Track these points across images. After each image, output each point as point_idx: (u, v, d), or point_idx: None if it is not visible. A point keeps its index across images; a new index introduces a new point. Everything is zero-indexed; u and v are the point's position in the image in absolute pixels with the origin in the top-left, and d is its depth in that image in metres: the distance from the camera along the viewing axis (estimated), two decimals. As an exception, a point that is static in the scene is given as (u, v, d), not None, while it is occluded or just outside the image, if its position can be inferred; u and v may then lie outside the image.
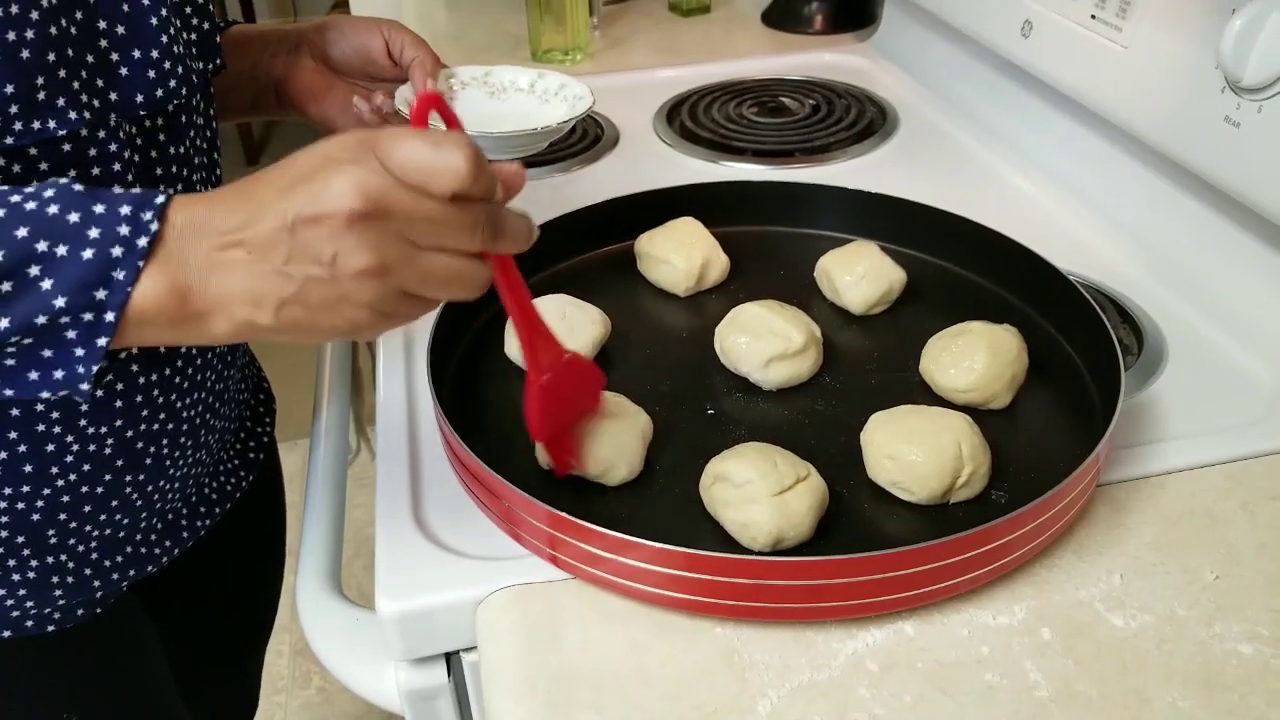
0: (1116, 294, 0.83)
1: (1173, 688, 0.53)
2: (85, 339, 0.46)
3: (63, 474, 0.61)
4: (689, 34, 1.45)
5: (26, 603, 0.65)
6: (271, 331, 0.47)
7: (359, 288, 0.46)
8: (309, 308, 0.46)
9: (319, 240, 0.45)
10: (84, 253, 0.44)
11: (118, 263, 0.45)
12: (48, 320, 0.45)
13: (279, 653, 1.82)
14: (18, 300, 0.44)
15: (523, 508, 0.59)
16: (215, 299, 0.46)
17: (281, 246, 0.45)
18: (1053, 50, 0.96)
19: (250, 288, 0.46)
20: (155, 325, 0.46)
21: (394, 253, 0.46)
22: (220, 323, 0.47)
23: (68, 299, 0.44)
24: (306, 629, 0.63)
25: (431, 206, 0.46)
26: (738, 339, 0.72)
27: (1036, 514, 0.57)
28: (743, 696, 0.53)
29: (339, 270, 0.45)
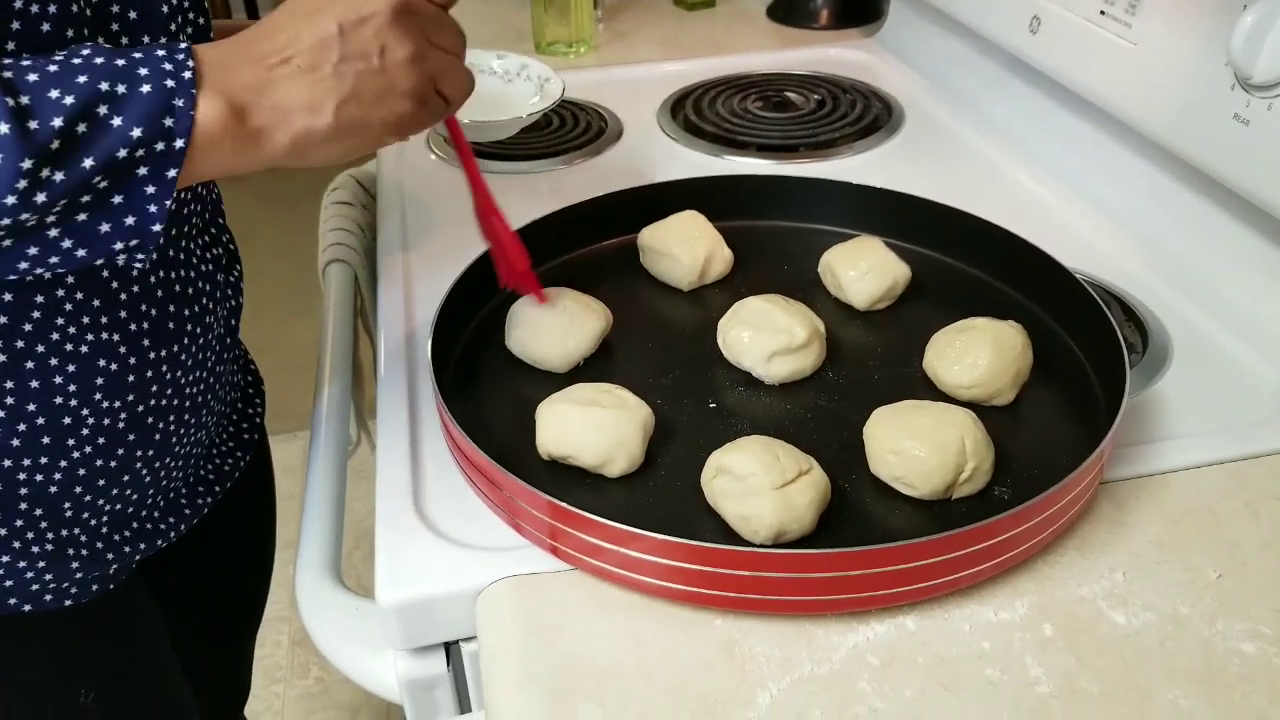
0: (1121, 291, 0.83)
1: (1174, 686, 0.52)
2: (156, 174, 0.48)
3: (79, 446, 0.63)
4: (693, 27, 1.44)
5: (45, 575, 0.66)
6: (329, 135, 0.52)
7: (404, 75, 0.53)
8: (363, 103, 0.52)
9: (368, 37, 0.52)
10: (142, 88, 0.47)
11: (174, 92, 0.48)
12: (127, 153, 0.47)
13: (277, 643, 1.82)
14: (96, 139, 0.46)
15: (523, 498, 0.59)
16: (272, 113, 0.50)
17: (332, 51, 0.51)
18: (1061, 46, 0.95)
19: (308, 95, 0.51)
20: (219, 149, 0.49)
21: (423, 43, 0.54)
22: (280, 135, 0.51)
23: (142, 129, 0.47)
24: (306, 618, 0.63)
25: (438, 11, 0.56)
26: (740, 333, 0.72)
27: (1039, 510, 0.56)
28: (743, 688, 0.52)
29: (388, 60, 0.52)
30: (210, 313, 0.69)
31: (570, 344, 0.72)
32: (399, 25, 0.52)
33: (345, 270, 0.96)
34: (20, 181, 0.45)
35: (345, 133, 0.52)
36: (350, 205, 1.02)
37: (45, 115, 0.45)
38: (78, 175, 0.46)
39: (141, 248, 0.50)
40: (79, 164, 0.46)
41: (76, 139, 0.46)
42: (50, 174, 0.45)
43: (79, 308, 0.59)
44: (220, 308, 0.71)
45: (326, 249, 0.98)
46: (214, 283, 0.70)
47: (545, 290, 0.73)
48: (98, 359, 0.61)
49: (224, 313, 0.72)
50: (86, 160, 0.46)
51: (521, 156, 1.06)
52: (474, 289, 0.77)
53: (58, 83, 0.46)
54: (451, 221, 0.96)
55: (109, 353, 0.61)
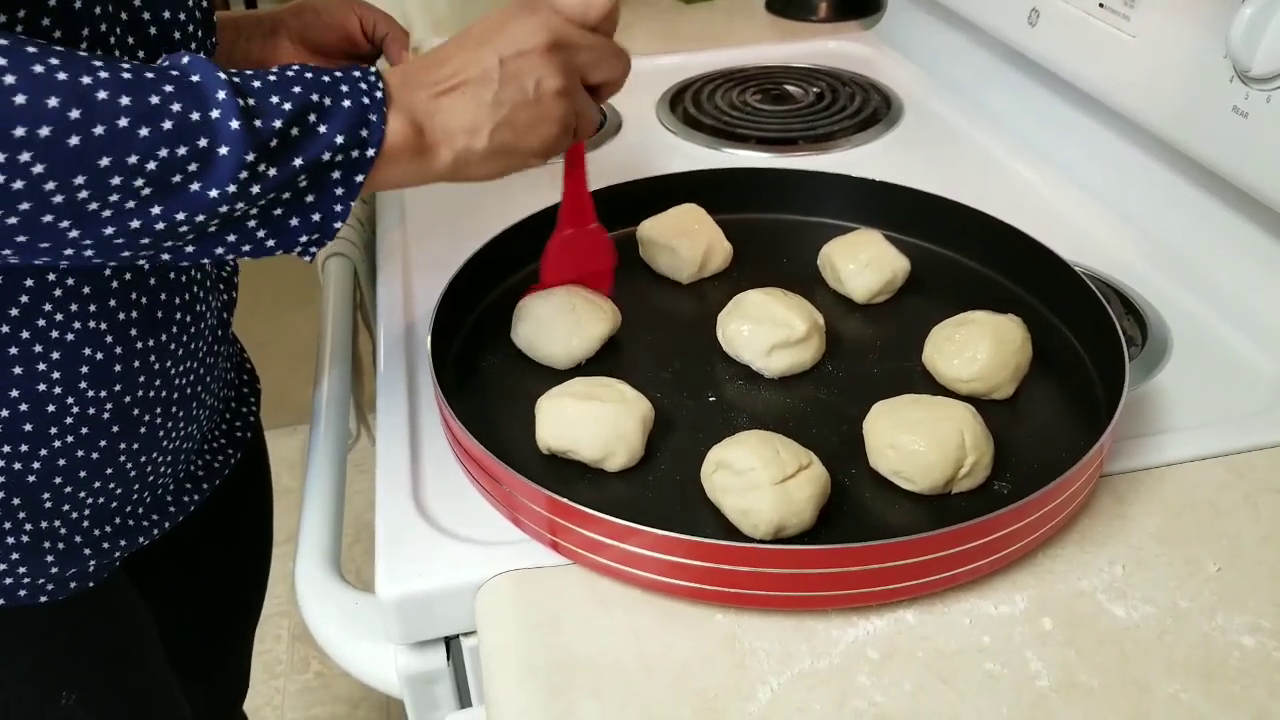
0: (1121, 285, 0.83)
1: (1174, 679, 0.52)
2: (346, 178, 0.54)
3: (60, 436, 0.62)
4: (692, 20, 1.44)
5: (19, 569, 0.66)
6: (484, 156, 0.57)
7: (555, 105, 0.58)
8: (516, 129, 0.57)
9: (526, 70, 0.57)
10: (344, 103, 0.53)
11: (369, 108, 0.54)
12: (329, 157, 0.52)
13: (277, 638, 1.82)
14: (306, 142, 0.52)
15: (523, 493, 0.59)
16: (441, 132, 0.56)
17: (493, 81, 0.56)
18: (1060, 39, 0.95)
19: (470, 118, 0.56)
20: (399, 160, 0.55)
21: (574, 76, 0.59)
22: (445, 152, 0.57)
23: (344, 138, 0.53)
24: (305, 612, 0.63)
25: (592, 37, 0.60)
26: (740, 327, 0.72)
27: (1039, 505, 0.57)
28: (743, 683, 0.52)
29: (542, 92, 0.57)
30: (202, 302, 0.69)
31: (575, 343, 0.71)
32: (553, 59, 0.57)
33: (344, 264, 0.96)
34: (242, 173, 0.49)
35: (498, 154, 0.58)
36: (349, 199, 1.02)
37: (269, 117, 0.50)
38: (288, 173, 0.51)
39: (320, 241, 0.55)
40: (290, 162, 0.51)
41: (291, 140, 0.51)
42: (266, 169, 0.50)
43: (68, 293, 0.59)
44: (213, 299, 0.71)
45: (325, 243, 0.97)
46: (205, 274, 0.70)
47: (557, 289, 0.74)
48: (84, 346, 0.61)
49: (217, 305, 0.72)
50: (296, 160, 0.51)
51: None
52: (474, 282, 0.77)
53: (278, 90, 0.51)
54: (451, 215, 0.95)
55: (96, 340, 0.61)
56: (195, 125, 0.48)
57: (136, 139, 0.47)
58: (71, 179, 0.46)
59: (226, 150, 0.49)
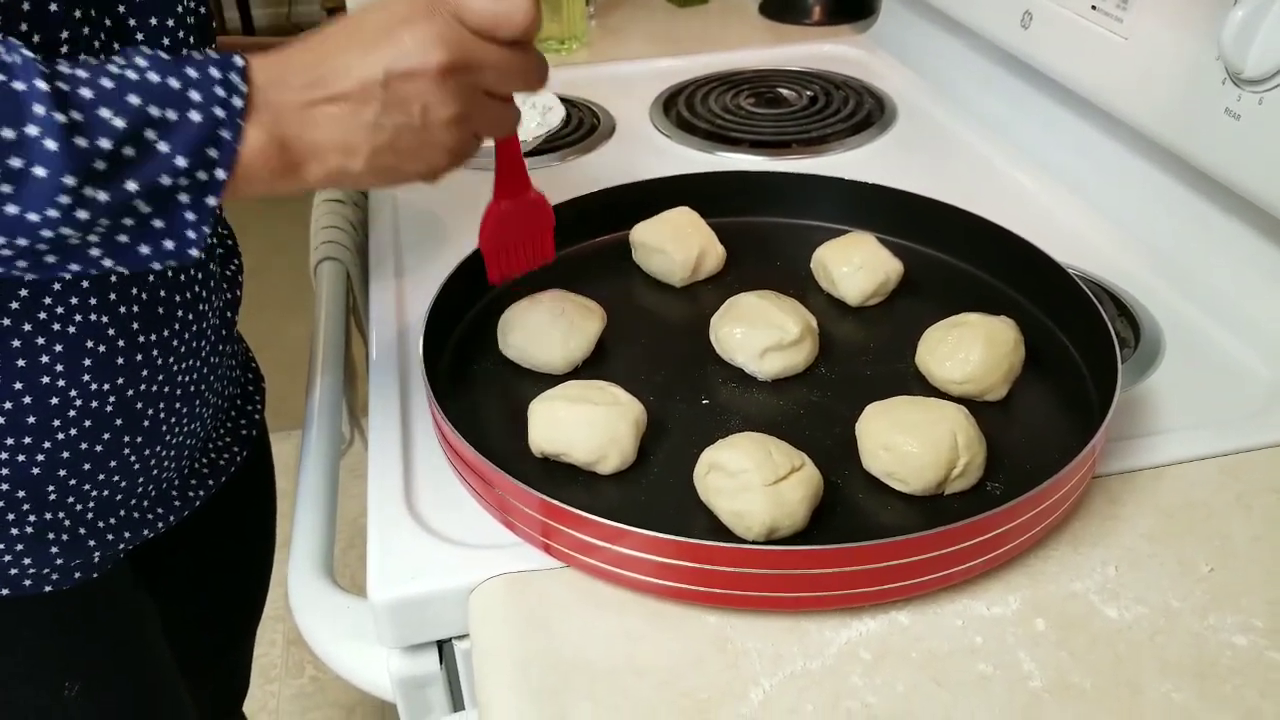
0: (1113, 287, 0.83)
1: (1167, 679, 0.52)
2: (196, 201, 0.48)
3: (64, 428, 0.62)
4: (686, 24, 1.44)
5: (24, 559, 0.66)
6: (360, 176, 0.52)
7: (445, 134, 0.52)
8: (398, 154, 0.52)
9: (413, 94, 0.50)
10: (191, 115, 0.47)
11: (222, 123, 0.48)
12: (170, 181, 0.47)
13: (272, 642, 1.82)
14: (142, 164, 0.46)
15: (516, 496, 0.59)
16: (310, 149, 0.50)
17: (375, 100, 0.50)
18: (1052, 41, 0.95)
19: (345, 138, 0.50)
20: (258, 178, 0.50)
21: (472, 100, 0.52)
22: (315, 169, 0.51)
23: (188, 159, 0.47)
24: (298, 616, 0.63)
25: (500, 54, 0.52)
26: (733, 329, 0.72)
27: (1031, 505, 0.57)
28: (735, 685, 0.52)
29: (430, 120, 0.51)
30: (204, 301, 0.69)
31: (571, 346, 0.71)
32: (446, 85, 0.51)
33: (337, 268, 0.96)
34: (62, 197, 0.45)
35: (376, 175, 0.53)
36: (342, 203, 1.02)
37: (95, 134, 0.45)
38: (120, 196, 0.46)
39: (177, 265, 0.52)
40: (122, 185, 0.46)
41: (122, 161, 0.46)
42: (93, 193, 0.46)
43: (68, 287, 0.59)
44: (215, 298, 0.71)
45: (318, 247, 0.97)
46: (208, 272, 0.70)
47: (541, 294, 0.73)
48: (86, 340, 0.61)
49: (219, 304, 0.72)
50: (130, 183, 0.46)
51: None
52: (466, 286, 0.77)
53: (111, 102, 0.46)
54: (443, 218, 0.95)
55: (98, 334, 0.61)
56: (7, 144, 0.44)
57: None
58: None
59: (44, 172, 0.44)
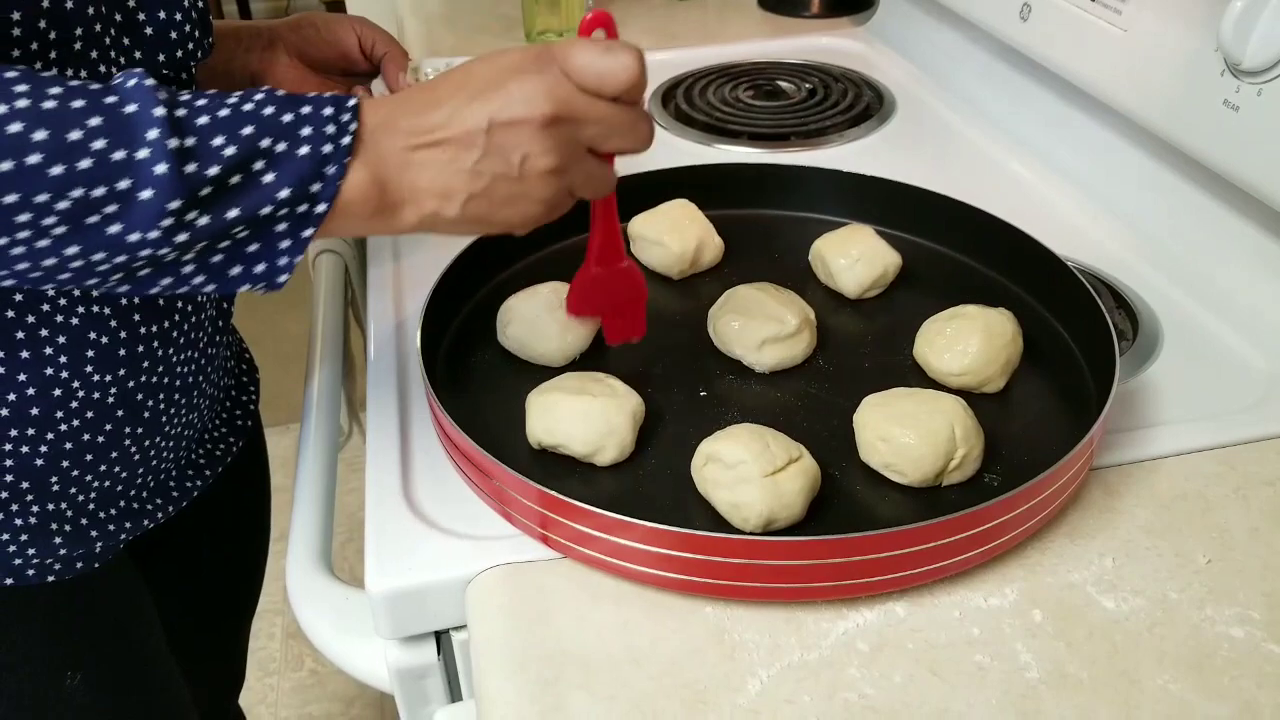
0: (1112, 279, 0.83)
1: (1164, 670, 0.53)
2: (293, 231, 0.50)
3: (67, 420, 0.63)
4: (684, 17, 1.44)
5: (28, 550, 0.66)
6: (453, 223, 0.52)
7: (541, 186, 0.52)
8: (492, 202, 0.52)
9: (514, 143, 0.51)
10: (299, 150, 0.48)
11: (328, 159, 0.49)
12: (271, 210, 0.48)
13: (271, 635, 1.82)
14: (246, 193, 0.48)
15: (514, 487, 0.59)
16: (409, 192, 0.51)
17: (476, 147, 0.51)
18: (1051, 33, 0.95)
19: (444, 183, 0.51)
20: (355, 217, 0.51)
21: (572, 154, 0.53)
22: (410, 214, 0.52)
23: (291, 191, 0.48)
24: (296, 608, 0.63)
25: (606, 110, 0.52)
26: (731, 321, 0.72)
27: (1029, 497, 0.57)
28: (733, 676, 0.52)
29: (527, 170, 0.51)
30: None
31: (569, 338, 0.71)
32: (547, 136, 0.51)
33: (336, 260, 0.96)
34: (166, 220, 0.46)
35: (468, 223, 0.53)
36: (340, 196, 1.02)
37: (205, 162, 0.46)
38: (221, 223, 0.48)
39: (266, 290, 0.52)
40: (224, 213, 0.47)
41: (228, 189, 0.47)
42: (196, 217, 0.47)
43: None
44: None
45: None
46: None
47: (540, 286, 0.73)
48: (88, 331, 0.61)
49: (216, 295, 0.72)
50: (232, 211, 0.48)
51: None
52: (464, 278, 0.77)
53: (225, 130, 0.47)
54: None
55: (100, 326, 0.62)
56: (117, 165, 0.45)
57: (46, 177, 0.44)
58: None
59: (150, 194, 0.45)
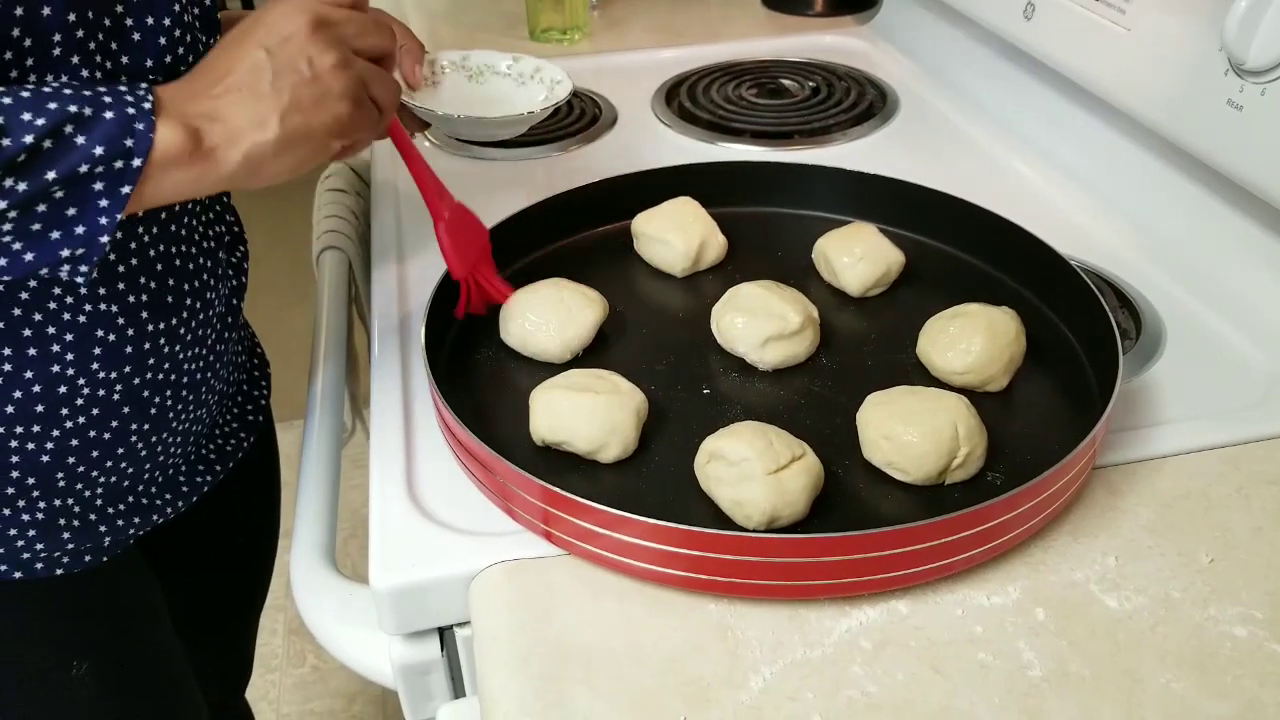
0: (1115, 278, 0.83)
1: (1166, 669, 0.53)
2: (110, 189, 0.51)
3: (72, 417, 0.63)
4: (688, 14, 1.44)
5: (36, 544, 0.67)
6: (278, 146, 0.55)
7: (334, 79, 0.57)
8: (303, 110, 0.56)
9: (294, 53, 0.56)
10: (106, 114, 0.51)
11: (135, 118, 0.51)
12: (87, 169, 0.50)
13: (273, 631, 1.82)
14: (60, 155, 0.50)
15: (517, 483, 0.59)
16: (223, 134, 0.54)
17: (265, 71, 0.55)
18: (1055, 33, 0.95)
19: (252, 112, 0.54)
20: (175, 168, 0.53)
21: (345, 49, 0.58)
22: (233, 152, 0.54)
23: (104, 148, 0.50)
24: (300, 603, 0.63)
25: (349, 13, 0.60)
26: (734, 319, 0.72)
27: (1032, 495, 0.57)
28: (735, 673, 0.53)
29: (318, 69, 0.56)
30: (210, 289, 0.69)
31: (570, 334, 0.71)
32: (318, 37, 0.57)
33: (340, 257, 0.96)
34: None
35: (292, 141, 0.56)
36: (344, 192, 1.02)
37: (16, 134, 0.49)
38: (38, 184, 0.50)
39: (86, 258, 0.53)
40: (41, 175, 0.49)
41: (42, 154, 0.49)
42: (14, 184, 0.49)
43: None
44: (221, 285, 0.71)
45: (320, 236, 0.97)
46: (215, 260, 0.70)
47: (541, 282, 0.74)
48: (95, 329, 0.62)
49: (225, 291, 0.72)
50: (49, 173, 0.50)
51: (516, 144, 1.06)
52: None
53: (31, 106, 0.49)
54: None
55: (107, 323, 0.62)
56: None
57: None
58: None
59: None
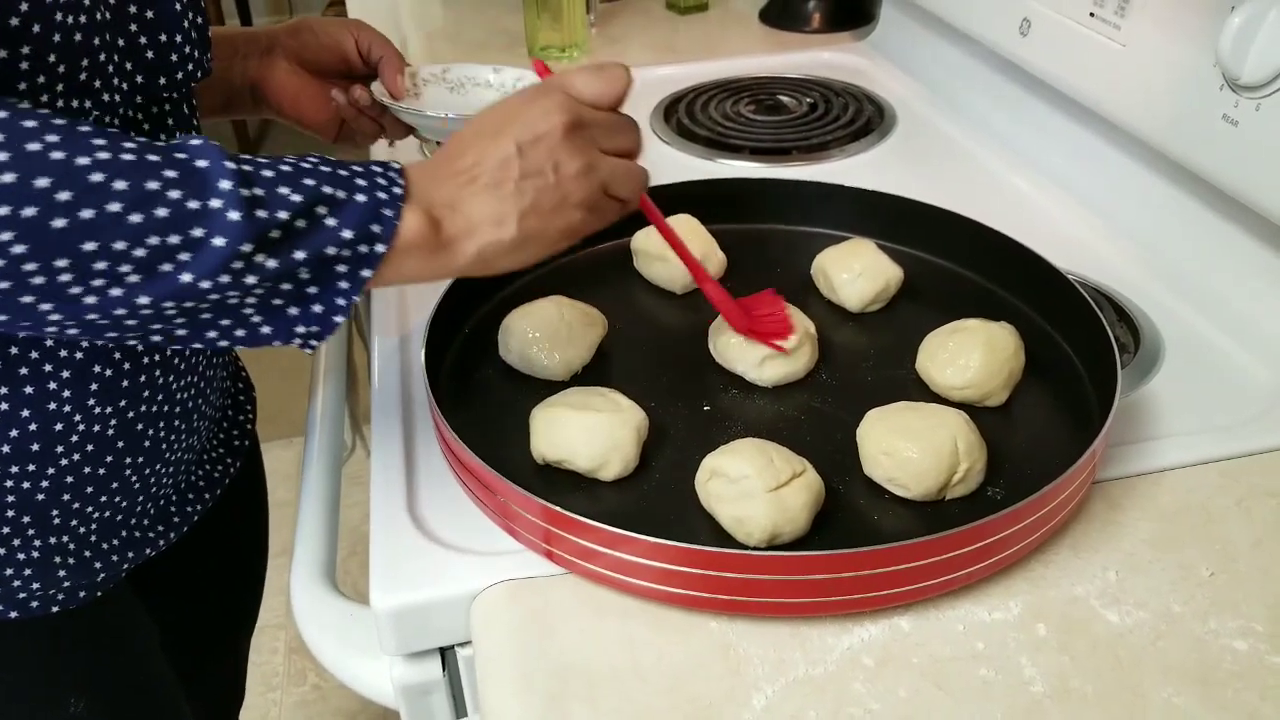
0: (1113, 292, 0.83)
1: (1168, 684, 0.53)
2: (352, 273, 0.53)
3: (67, 454, 0.63)
4: (686, 31, 1.45)
5: (32, 584, 0.66)
6: (512, 246, 0.56)
7: (576, 186, 0.57)
8: (541, 214, 0.56)
9: (544, 155, 0.56)
10: (358, 196, 0.52)
11: (384, 204, 0.53)
12: (334, 251, 0.51)
13: (274, 650, 1.82)
14: (310, 235, 0.51)
15: (518, 502, 0.59)
16: (463, 226, 0.55)
17: (513, 169, 0.55)
18: (1051, 49, 0.96)
19: (493, 210, 0.55)
20: (413, 256, 0.54)
21: (593, 154, 0.58)
22: (469, 245, 0.55)
23: (353, 232, 0.52)
24: (301, 624, 0.63)
25: (605, 115, 0.59)
26: (732, 337, 0.72)
27: (1032, 510, 0.57)
28: (737, 691, 0.52)
29: (562, 175, 0.56)
30: None
31: (570, 352, 0.72)
32: (570, 141, 0.57)
33: (339, 276, 0.96)
34: (236, 263, 0.49)
35: (525, 242, 0.56)
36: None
37: (274, 208, 0.49)
38: (288, 264, 0.50)
39: (319, 335, 0.54)
40: (290, 254, 0.50)
41: (295, 233, 0.50)
42: (264, 260, 0.50)
43: None
44: None
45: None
46: None
47: (540, 300, 0.74)
48: (93, 364, 0.61)
49: None
50: (299, 253, 0.51)
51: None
52: (468, 292, 0.77)
53: (289, 182, 0.50)
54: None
55: (104, 358, 0.62)
56: (191, 214, 0.47)
57: (126, 224, 0.46)
58: (53, 261, 0.45)
59: (223, 241, 0.48)
